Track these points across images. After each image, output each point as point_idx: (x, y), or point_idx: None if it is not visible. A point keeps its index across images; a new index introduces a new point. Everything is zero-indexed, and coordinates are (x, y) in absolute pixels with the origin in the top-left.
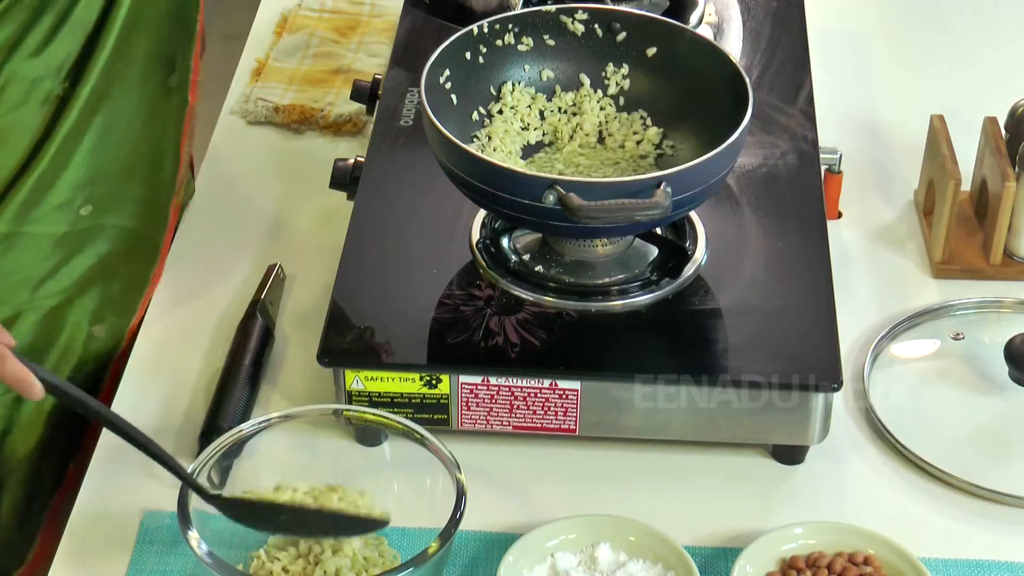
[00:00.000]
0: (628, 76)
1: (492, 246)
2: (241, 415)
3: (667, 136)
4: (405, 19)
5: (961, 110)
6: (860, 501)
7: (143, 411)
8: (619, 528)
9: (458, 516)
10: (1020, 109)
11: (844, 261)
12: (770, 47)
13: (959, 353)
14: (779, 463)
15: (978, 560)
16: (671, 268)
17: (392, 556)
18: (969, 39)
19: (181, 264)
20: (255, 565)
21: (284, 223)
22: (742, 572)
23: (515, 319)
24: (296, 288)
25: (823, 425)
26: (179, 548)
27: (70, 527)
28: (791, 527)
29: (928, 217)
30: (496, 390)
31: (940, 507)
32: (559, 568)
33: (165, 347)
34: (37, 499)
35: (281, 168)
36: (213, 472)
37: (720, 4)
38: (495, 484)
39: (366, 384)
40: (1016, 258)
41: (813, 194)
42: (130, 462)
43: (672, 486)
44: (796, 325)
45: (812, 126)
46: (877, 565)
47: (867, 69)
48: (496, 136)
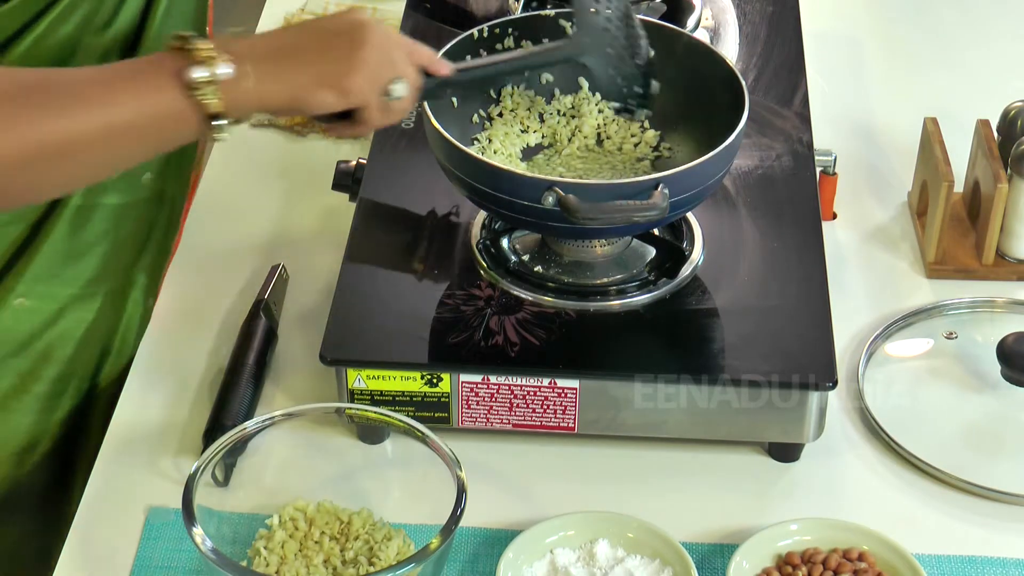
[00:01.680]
0: None
1: (492, 246)
2: (245, 413)
3: (664, 138)
4: (406, 23)
5: (954, 112)
6: (855, 498)
7: (148, 409)
8: (617, 524)
9: (459, 513)
10: (1012, 112)
11: (839, 261)
12: (766, 50)
13: (952, 352)
14: (775, 460)
15: (971, 556)
16: (668, 268)
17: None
18: (962, 42)
19: (186, 264)
20: (258, 561)
21: (287, 224)
22: (738, 568)
23: (515, 319)
24: (299, 288)
25: (818, 423)
26: (184, 544)
27: (75, 523)
28: (787, 523)
29: (921, 218)
30: (496, 389)
31: (934, 504)
32: (558, 564)
33: (170, 346)
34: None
35: (284, 170)
36: (217, 469)
37: (716, 8)
38: (495, 481)
39: (368, 383)
40: (1008, 258)
41: (808, 195)
42: (135, 459)
43: (669, 483)
44: (791, 325)
45: (807, 128)
46: (872, 561)
47: (861, 72)
48: (496, 139)
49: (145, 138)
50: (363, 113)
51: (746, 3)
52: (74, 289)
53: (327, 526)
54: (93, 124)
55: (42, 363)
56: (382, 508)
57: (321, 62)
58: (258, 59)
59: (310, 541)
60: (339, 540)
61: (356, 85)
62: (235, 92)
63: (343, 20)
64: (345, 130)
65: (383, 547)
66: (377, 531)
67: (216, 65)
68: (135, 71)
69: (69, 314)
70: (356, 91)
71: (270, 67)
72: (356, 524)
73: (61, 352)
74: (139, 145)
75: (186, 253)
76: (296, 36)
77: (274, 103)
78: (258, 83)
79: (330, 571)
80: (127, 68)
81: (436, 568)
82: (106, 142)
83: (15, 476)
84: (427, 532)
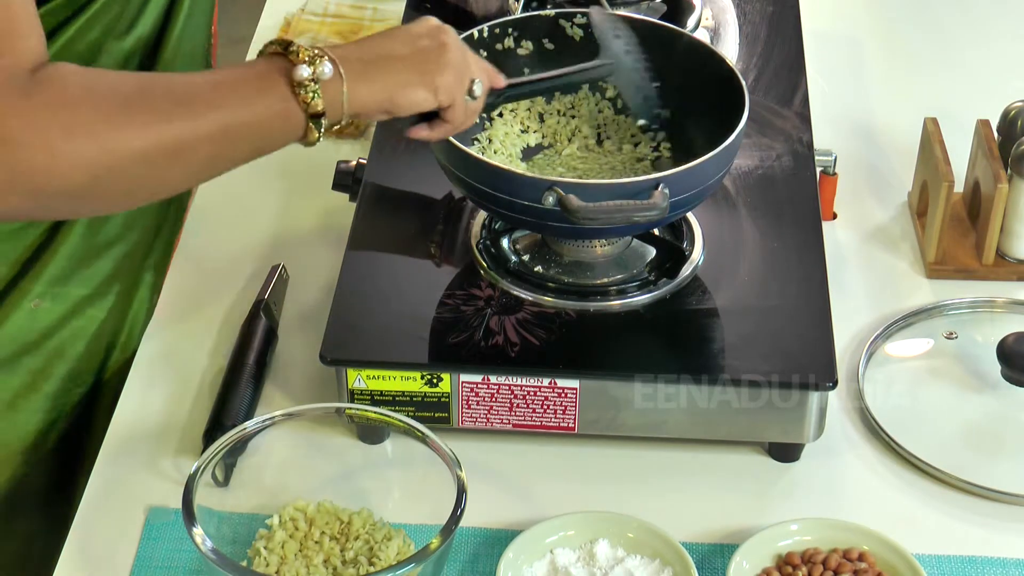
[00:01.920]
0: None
1: (492, 247)
2: (245, 413)
3: (665, 139)
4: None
5: (954, 112)
6: (855, 498)
7: (148, 409)
8: (617, 524)
9: (459, 513)
10: (1012, 112)
11: (839, 262)
12: (766, 50)
13: (952, 352)
14: (775, 461)
15: (971, 556)
16: (669, 268)
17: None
18: (962, 42)
19: (186, 265)
20: (258, 561)
21: (287, 224)
22: (738, 568)
23: (515, 319)
24: (299, 288)
25: (818, 423)
26: (184, 544)
27: (75, 524)
28: (787, 523)
29: (921, 218)
30: (496, 389)
31: (934, 504)
32: (558, 564)
33: (170, 346)
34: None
35: (284, 170)
36: (217, 469)
37: (716, 8)
38: (495, 481)
39: (368, 383)
40: (1008, 258)
41: (808, 195)
42: (135, 459)
43: (669, 483)
44: (792, 325)
45: (807, 128)
46: (872, 561)
47: (861, 72)
48: (496, 139)
49: (255, 138)
50: (449, 112)
51: (746, 3)
52: (88, 290)
53: (327, 526)
54: (209, 124)
55: (54, 360)
56: (382, 508)
57: (413, 63)
58: (353, 62)
59: (310, 541)
60: (339, 540)
61: (446, 84)
62: (334, 93)
63: (425, 25)
64: (429, 131)
65: (383, 547)
66: (377, 531)
67: (319, 64)
68: (245, 74)
69: (82, 313)
70: (446, 90)
71: (366, 69)
72: (356, 524)
73: (73, 350)
74: (249, 145)
75: (186, 253)
76: (384, 41)
77: (371, 104)
78: (355, 84)
79: (330, 571)
80: (238, 71)
81: (436, 568)
82: (220, 142)
83: (23, 475)
84: (427, 532)
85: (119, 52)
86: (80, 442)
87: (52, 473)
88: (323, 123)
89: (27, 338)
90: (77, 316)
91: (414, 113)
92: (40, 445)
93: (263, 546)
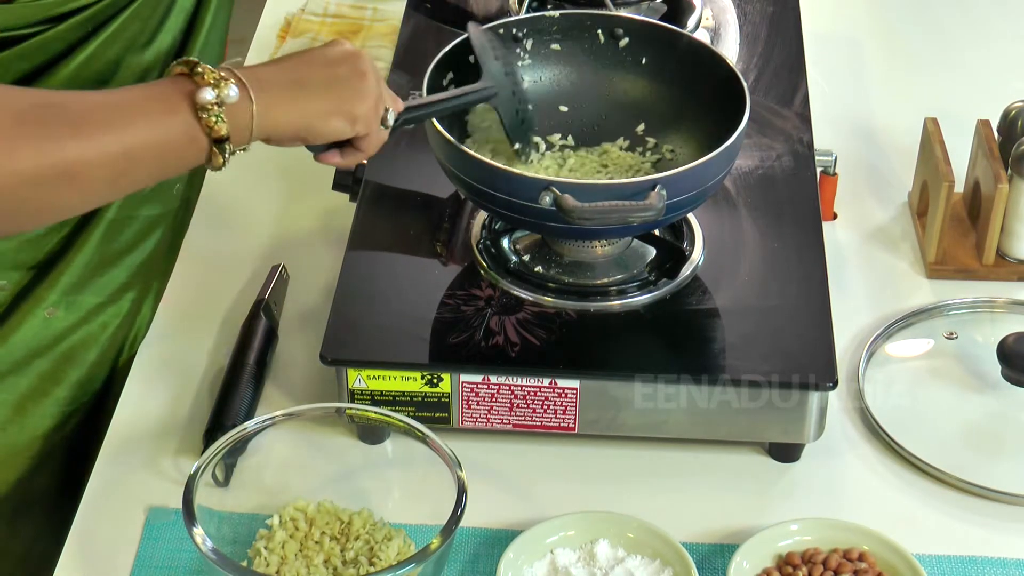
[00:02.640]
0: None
1: (492, 247)
2: (245, 413)
3: (665, 139)
4: (407, 23)
5: (954, 113)
6: (855, 498)
7: (149, 409)
8: (617, 525)
9: (459, 513)
10: (1013, 112)
11: (839, 262)
12: (766, 51)
13: (952, 352)
14: (775, 461)
15: (971, 556)
16: (669, 269)
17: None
18: (962, 42)
19: (187, 265)
20: (258, 562)
21: (287, 224)
22: (739, 568)
23: (515, 319)
24: (299, 288)
25: (819, 423)
26: (184, 544)
27: (75, 523)
28: (787, 524)
29: (922, 218)
30: (496, 389)
31: (934, 504)
32: (558, 564)
33: (171, 346)
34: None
35: (284, 170)
36: (217, 469)
37: (717, 8)
38: (495, 481)
39: (368, 383)
40: (1008, 259)
41: (809, 196)
42: (135, 459)
43: (669, 483)
44: (792, 325)
45: (807, 128)
46: (872, 561)
47: (862, 72)
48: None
49: (157, 161)
50: (363, 141)
51: (746, 3)
52: (102, 298)
53: (327, 526)
54: (107, 146)
55: (65, 366)
56: (382, 508)
57: (330, 92)
58: (265, 87)
59: (310, 541)
60: (339, 540)
61: (364, 114)
62: (242, 117)
63: (339, 51)
64: (340, 159)
65: (383, 547)
66: (377, 531)
67: (224, 87)
68: (147, 95)
69: (95, 320)
70: (363, 120)
71: (281, 95)
72: (356, 524)
73: (84, 356)
74: (150, 168)
75: (187, 253)
76: (300, 65)
77: (285, 130)
78: (268, 109)
79: (330, 571)
80: (139, 92)
81: (436, 568)
82: (118, 164)
83: (29, 478)
84: (427, 532)
85: (138, 66)
86: (87, 446)
87: (58, 476)
88: (227, 148)
89: (39, 344)
90: (90, 323)
91: (329, 142)
92: (47, 449)
93: (263, 546)
